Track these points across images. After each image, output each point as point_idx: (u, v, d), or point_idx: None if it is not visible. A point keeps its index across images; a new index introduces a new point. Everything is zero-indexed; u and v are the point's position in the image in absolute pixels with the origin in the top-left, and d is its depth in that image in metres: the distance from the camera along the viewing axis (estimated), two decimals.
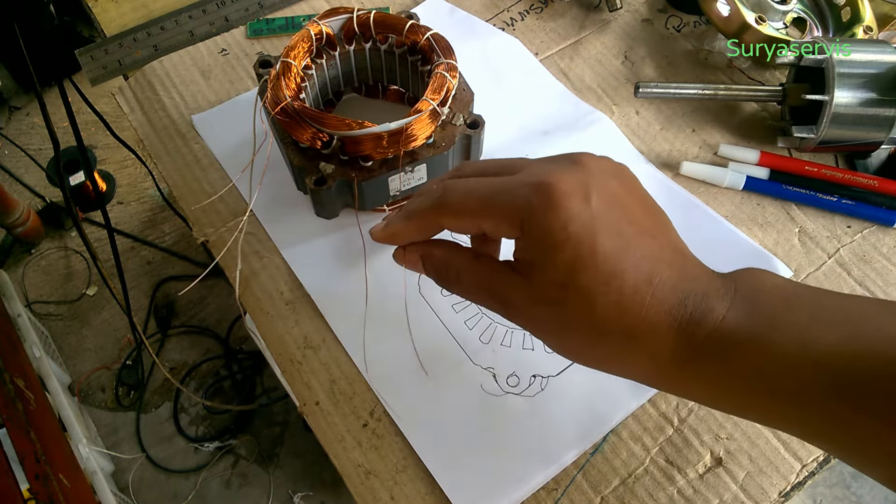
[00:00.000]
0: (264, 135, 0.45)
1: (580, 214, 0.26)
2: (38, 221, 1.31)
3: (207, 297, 1.29)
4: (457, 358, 0.43)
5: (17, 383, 0.84)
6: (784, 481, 0.40)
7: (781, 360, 0.24)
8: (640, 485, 0.39)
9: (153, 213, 1.39)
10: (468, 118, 0.43)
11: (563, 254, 0.26)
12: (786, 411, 0.25)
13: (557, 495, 0.39)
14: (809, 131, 0.47)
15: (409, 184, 0.43)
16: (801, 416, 0.25)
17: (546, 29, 0.58)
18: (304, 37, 0.43)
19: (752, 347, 0.25)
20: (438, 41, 0.43)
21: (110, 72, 0.55)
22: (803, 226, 0.48)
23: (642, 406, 0.42)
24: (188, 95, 0.53)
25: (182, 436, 1.16)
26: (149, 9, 0.59)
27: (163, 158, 0.51)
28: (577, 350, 0.29)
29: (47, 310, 1.28)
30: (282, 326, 0.44)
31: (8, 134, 1.46)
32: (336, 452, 0.40)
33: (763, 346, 0.25)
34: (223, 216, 0.48)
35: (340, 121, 0.39)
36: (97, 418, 1.18)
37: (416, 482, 0.39)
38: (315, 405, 0.41)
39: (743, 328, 0.25)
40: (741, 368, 0.25)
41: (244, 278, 0.45)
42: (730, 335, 0.25)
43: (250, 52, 0.55)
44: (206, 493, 1.12)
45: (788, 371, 0.24)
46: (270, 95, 0.40)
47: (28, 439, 0.80)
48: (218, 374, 1.21)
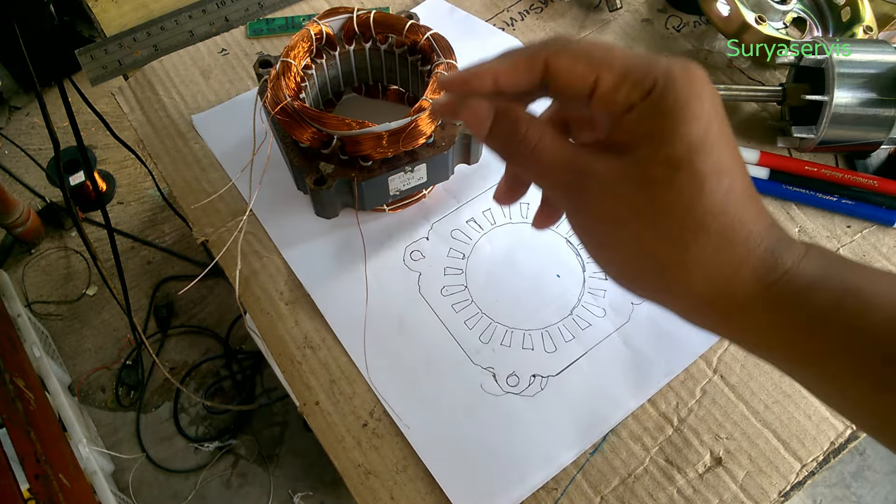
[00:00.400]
0: (264, 134, 0.45)
1: (714, 98, 0.24)
2: (38, 221, 1.31)
3: (207, 297, 1.29)
4: (457, 358, 0.43)
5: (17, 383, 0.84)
6: (784, 481, 0.40)
7: (872, 309, 0.23)
8: (640, 484, 0.39)
9: (153, 213, 1.39)
10: None
11: (693, 128, 0.24)
12: (848, 366, 0.24)
13: (557, 495, 0.39)
14: (809, 131, 0.47)
15: (409, 183, 0.43)
16: (858, 369, 0.24)
17: (546, 29, 0.58)
18: (304, 37, 0.43)
19: (839, 291, 0.24)
20: (438, 41, 0.43)
21: (110, 72, 0.55)
22: (803, 226, 0.48)
23: (642, 406, 0.42)
24: (188, 95, 0.53)
25: (182, 436, 1.16)
26: (149, 9, 0.59)
27: (163, 158, 0.51)
28: (659, 248, 0.25)
29: (47, 310, 1.28)
30: (282, 326, 0.44)
31: (8, 134, 1.46)
32: (336, 452, 0.40)
33: (851, 291, 0.23)
34: (223, 216, 0.48)
35: (340, 121, 0.39)
36: (97, 418, 1.18)
37: (416, 482, 0.39)
38: (315, 405, 0.41)
39: (822, 271, 0.24)
40: (822, 309, 0.24)
41: (244, 278, 0.45)
42: (810, 274, 0.24)
43: (250, 52, 0.55)
44: (206, 493, 1.12)
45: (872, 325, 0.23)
46: (270, 95, 0.40)
47: (28, 439, 0.80)
48: (218, 374, 1.21)
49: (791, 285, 0.24)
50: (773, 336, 0.25)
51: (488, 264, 0.46)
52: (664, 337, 0.43)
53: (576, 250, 0.47)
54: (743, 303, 0.25)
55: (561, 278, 0.46)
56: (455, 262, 0.46)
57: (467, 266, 0.46)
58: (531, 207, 0.48)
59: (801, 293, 0.24)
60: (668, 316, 0.27)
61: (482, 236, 0.47)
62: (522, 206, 0.49)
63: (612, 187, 0.25)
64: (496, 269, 0.46)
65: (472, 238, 0.47)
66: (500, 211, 0.48)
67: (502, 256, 0.47)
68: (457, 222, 0.48)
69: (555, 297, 0.45)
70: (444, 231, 0.47)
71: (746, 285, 0.25)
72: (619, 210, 0.25)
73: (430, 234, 0.47)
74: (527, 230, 0.48)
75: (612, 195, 0.25)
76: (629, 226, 0.25)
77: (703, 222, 0.24)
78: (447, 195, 0.49)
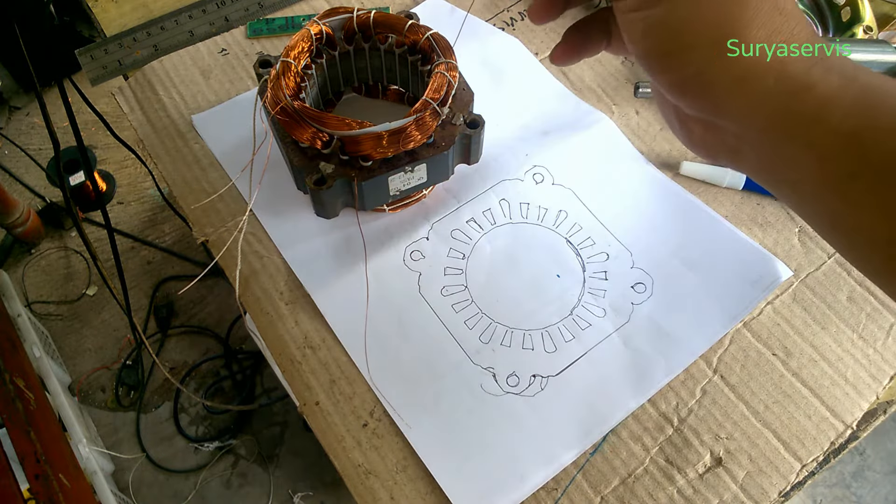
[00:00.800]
0: (264, 134, 0.45)
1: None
2: (38, 221, 1.31)
3: (207, 297, 1.29)
4: (457, 358, 0.43)
5: (17, 383, 0.84)
6: (784, 481, 0.40)
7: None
8: (640, 484, 0.39)
9: (153, 213, 1.39)
10: (468, 118, 0.43)
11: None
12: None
13: (557, 495, 0.39)
14: None
15: (409, 183, 0.43)
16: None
17: (546, 29, 0.57)
18: (304, 37, 0.43)
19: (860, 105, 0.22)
20: (438, 41, 0.43)
21: (110, 72, 0.55)
22: (803, 226, 0.48)
23: (642, 406, 0.42)
24: (188, 95, 0.53)
25: (182, 436, 1.16)
26: (149, 9, 0.59)
27: (163, 158, 0.51)
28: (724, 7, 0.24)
29: (47, 310, 1.28)
30: (282, 326, 0.44)
31: (8, 134, 1.46)
32: (336, 452, 0.40)
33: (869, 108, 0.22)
34: (223, 216, 0.48)
35: (340, 121, 0.39)
36: (97, 418, 1.18)
37: (416, 482, 0.39)
38: (315, 405, 0.41)
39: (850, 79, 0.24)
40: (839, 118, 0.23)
41: (244, 278, 0.45)
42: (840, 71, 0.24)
43: (250, 52, 0.55)
44: (206, 493, 1.12)
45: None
46: (270, 95, 0.40)
47: (28, 439, 0.80)
48: (218, 374, 1.21)
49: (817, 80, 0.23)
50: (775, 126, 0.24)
51: (488, 264, 0.46)
52: (664, 337, 0.43)
53: (576, 250, 0.47)
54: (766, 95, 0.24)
55: (561, 278, 0.46)
56: (455, 262, 0.46)
57: (467, 266, 0.46)
58: (530, 207, 0.48)
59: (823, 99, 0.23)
60: (668, 316, 0.26)
61: (482, 236, 0.47)
62: (522, 205, 0.49)
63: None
64: (496, 269, 0.46)
65: (472, 238, 0.47)
66: (501, 211, 0.48)
67: (502, 256, 0.47)
68: (457, 222, 0.48)
69: (555, 297, 0.45)
70: (444, 231, 0.47)
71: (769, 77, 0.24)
72: None
73: (430, 234, 0.47)
74: (527, 230, 0.48)
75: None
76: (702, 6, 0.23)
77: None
78: (447, 195, 0.49)
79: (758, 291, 0.45)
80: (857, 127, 0.23)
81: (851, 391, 0.42)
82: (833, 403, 0.42)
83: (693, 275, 0.46)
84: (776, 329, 0.44)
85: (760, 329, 0.44)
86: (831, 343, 0.44)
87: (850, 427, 0.41)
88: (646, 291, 0.45)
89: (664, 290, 0.45)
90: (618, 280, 0.46)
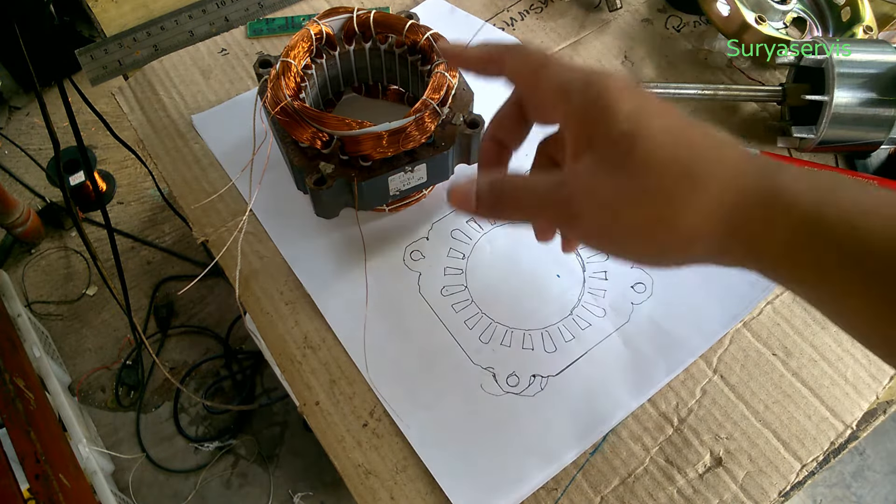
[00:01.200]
0: (264, 134, 0.45)
1: (633, 87, 0.28)
2: (38, 221, 1.31)
3: (207, 297, 1.29)
4: (457, 358, 0.43)
5: (17, 383, 0.84)
6: (784, 481, 0.40)
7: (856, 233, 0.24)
8: (640, 484, 0.39)
9: (153, 213, 1.39)
10: (468, 118, 0.43)
11: (627, 105, 0.27)
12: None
13: (557, 495, 0.39)
14: (809, 131, 0.47)
15: (409, 183, 0.43)
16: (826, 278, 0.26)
17: (546, 29, 0.58)
18: (304, 36, 0.43)
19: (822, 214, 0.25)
20: (438, 41, 0.43)
21: (110, 72, 0.55)
22: None
23: (642, 406, 0.42)
24: (188, 95, 0.53)
25: (182, 436, 1.16)
26: (149, 9, 0.59)
27: (163, 158, 0.51)
28: (656, 210, 0.27)
29: (47, 310, 1.28)
30: (282, 326, 0.44)
31: (8, 134, 1.46)
32: (336, 452, 0.40)
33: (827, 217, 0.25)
34: (223, 216, 0.48)
35: (340, 121, 0.39)
36: (97, 418, 1.18)
37: (416, 482, 0.39)
38: (315, 405, 0.41)
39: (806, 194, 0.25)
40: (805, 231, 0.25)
41: (244, 278, 0.45)
42: (795, 193, 0.25)
43: (250, 51, 0.55)
44: (206, 493, 1.12)
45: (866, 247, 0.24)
46: (270, 95, 0.40)
47: (28, 439, 0.80)
48: (218, 374, 1.21)
49: (773, 201, 0.26)
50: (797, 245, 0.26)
51: (488, 264, 0.46)
52: (664, 337, 0.43)
53: (576, 250, 0.47)
54: (761, 218, 0.26)
55: (561, 278, 0.46)
56: (455, 262, 0.46)
57: (467, 266, 0.46)
58: None
59: (784, 211, 0.26)
60: (668, 316, 0.27)
61: (482, 236, 0.47)
62: None
63: (586, 181, 0.28)
64: (496, 269, 0.46)
65: (472, 238, 0.47)
66: None
67: (502, 256, 0.47)
68: (457, 222, 0.48)
69: (555, 297, 0.45)
70: (444, 231, 0.47)
71: (752, 201, 0.26)
72: (601, 194, 0.27)
73: (430, 234, 0.47)
74: (527, 230, 0.48)
75: (589, 190, 0.28)
76: (623, 209, 0.27)
77: (669, 172, 0.26)
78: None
79: (758, 291, 0.45)
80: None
81: (851, 391, 0.42)
82: (833, 403, 0.42)
83: (693, 274, 0.46)
84: (776, 329, 0.44)
85: (760, 329, 0.44)
86: (831, 343, 0.44)
87: (850, 427, 0.41)
88: (646, 291, 0.45)
89: (664, 290, 0.45)
90: (618, 280, 0.46)
